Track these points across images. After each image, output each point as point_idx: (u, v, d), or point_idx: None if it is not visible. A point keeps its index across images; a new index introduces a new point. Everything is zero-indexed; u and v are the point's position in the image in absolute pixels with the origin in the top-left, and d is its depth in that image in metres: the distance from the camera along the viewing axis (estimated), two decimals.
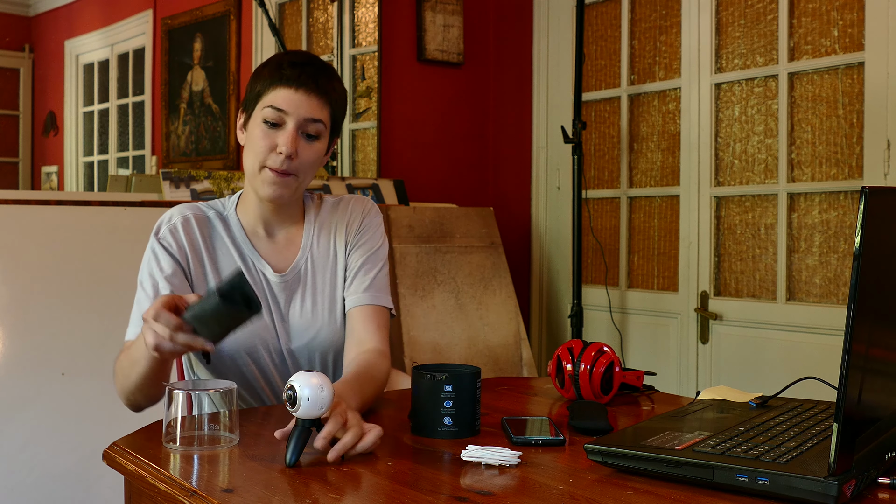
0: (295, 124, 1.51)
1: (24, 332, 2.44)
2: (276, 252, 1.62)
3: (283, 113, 1.51)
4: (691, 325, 3.21)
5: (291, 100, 1.50)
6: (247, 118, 1.58)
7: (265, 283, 1.60)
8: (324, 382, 1.14)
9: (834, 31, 2.85)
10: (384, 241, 1.69)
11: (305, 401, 1.12)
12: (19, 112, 5.80)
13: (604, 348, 1.57)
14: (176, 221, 1.58)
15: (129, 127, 4.92)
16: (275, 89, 1.51)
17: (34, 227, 2.49)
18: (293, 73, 1.51)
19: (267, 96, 1.52)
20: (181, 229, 1.57)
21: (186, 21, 4.32)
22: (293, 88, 1.51)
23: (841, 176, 2.84)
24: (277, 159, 1.51)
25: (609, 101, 3.56)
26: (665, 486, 1.04)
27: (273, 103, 1.51)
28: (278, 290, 1.60)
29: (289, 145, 1.50)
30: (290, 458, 1.11)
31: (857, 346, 0.92)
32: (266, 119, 1.51)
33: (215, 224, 1.61)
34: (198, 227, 1.59)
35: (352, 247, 1.65)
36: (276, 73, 1.52)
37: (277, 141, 1.51)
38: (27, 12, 5.82)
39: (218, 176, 3.03)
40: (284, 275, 1.61)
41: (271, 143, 1.51)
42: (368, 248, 1.66)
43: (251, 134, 1.54)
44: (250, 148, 1.54)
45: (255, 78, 1.57)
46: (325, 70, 1.55)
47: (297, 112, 1.51)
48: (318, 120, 1.53)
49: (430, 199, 3.63)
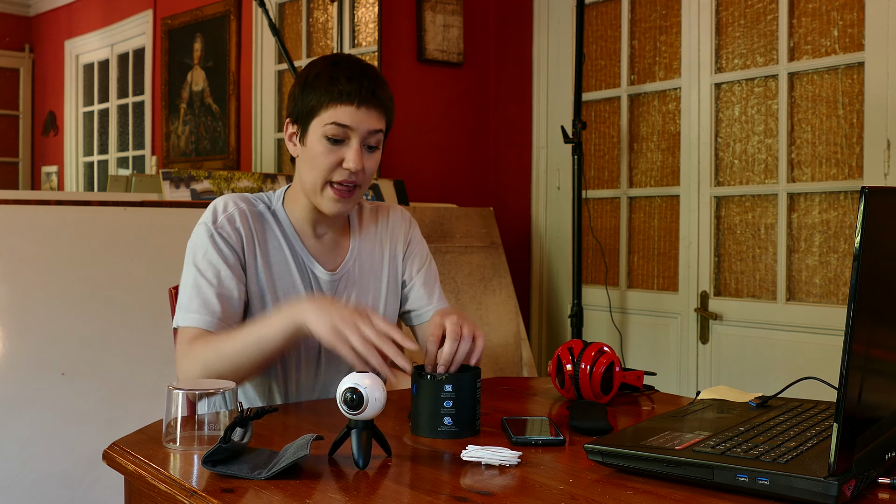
0: (360, 139, 1.52)
1: (24, 332, 2.43)
2: (324, 252, 1.64)
3: (348, 129, 1.51)
4: (691, 325, 3.21)
5: (354, 116, 1.50)
6: (301, 131, 1.56)
7: (314, 280, 1.61)
8: (379, 383, 1.13)
9: (834, 31, 2.85)
10: (428, 252, 1.77)
11: (373, 402, 1.11)
12: (19, 112, 5.80)
13: (604, 348, 1.57)
14: (232, 211, 1.56)
15: (129, 127, 4.92)
16: (335, 106, 1.50)
17: (34, 227, 2.49)
18: (352, 89, 1.50)
19: (326, 112, 1.51)
20: (238, 219, 1.56)
21: (186, 21, 4.32)
22: (354, 105, 1.50)
23: (841, 176, 2.84)
24: (344, 174, 1.52)
25: (609, 101, 3.56)
26: (665, 486, 1.04)
27: (336, 120, 1.50)
28: (327, 288, 1.62)
29: (356, 161, 1.51)
30: (364, 461, 1.11)
31: (857, 346, 0.92)
32: (329, 135, 1.51)
33: (267, 218, 1.61)
34: (252, 219, 1.58)
35: (405, 264, 1.72)
36: (334, 89, 1.50)
37: (343, 156, 1.51)
38: (27, 12, 5.82)
39: (218, 176, 3.03)
40: (334, 274, 1.63)
41: (336, 159, 1.52)
42: (420, 261, 1.73)
43: (312, 150, 1.53)
44: (312, 164, 1.53)
45: (305, 89, 1.54)
46: (378, 79, 1.54)
47: (360, 127, 1.51)
48: (379, 130, 1.54)
49: (430, 199, 3.63)
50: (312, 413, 1.48)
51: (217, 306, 1.49)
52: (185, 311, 1.50)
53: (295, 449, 1.09)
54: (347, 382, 1.12)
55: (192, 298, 1.50)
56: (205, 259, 1.52)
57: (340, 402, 1.12)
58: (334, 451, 1.16)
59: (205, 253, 1.53)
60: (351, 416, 1.12)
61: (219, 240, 1.53)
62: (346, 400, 1.11)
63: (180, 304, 1.52)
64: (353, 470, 1.11)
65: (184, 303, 1.51)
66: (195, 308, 1.49)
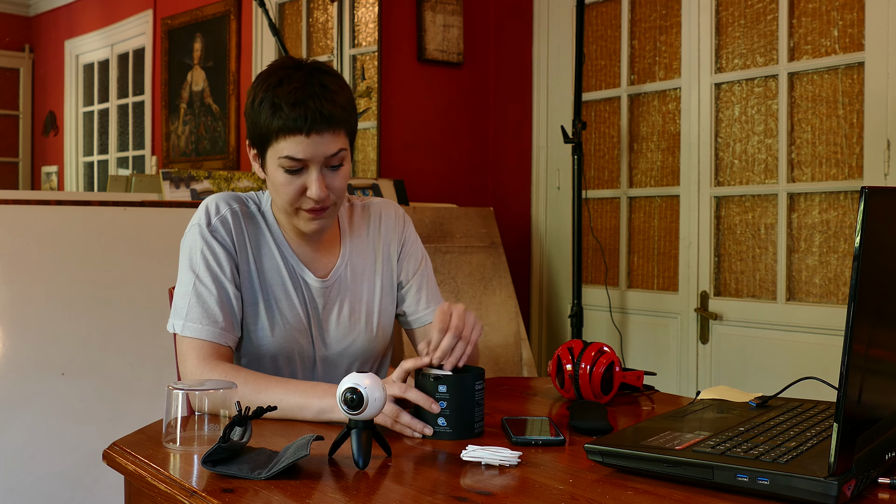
0: (319, 167, 1.45)
1: (24, 332, 2.43)
2: (315, 258, 1.60)
3: (302, 161, 1.44)
4: (691, 325, 3.21)
5: (307, 147, 1.42)
6: (260, 156, 1.50)
7: (305, 288, 1.58)
8: (379, 383, 1.13)
9: (834, 31, 2.85)
10: (423, 249, 1.72)
11: (373, 401, 1.11)
12: (19, 112, 5.80)
13: (604, 348, 1.57)
14: (225, 213, 1.53)
15: (129, 127, 4.92)
16: (284, 138, 1.42)
17: (34, 227, 2.49)
18: (297, 116, 1.41)
19: (277, 145, 1.44)
20: (231, 222, 1.53)
21: (186, 21, 4.32)
22: (303, 134, 1.42)
23: (841, 176, 2.84)
24: (310, 203, 1.47)
25: (609, 101, 3.56)
26: (665, 486, 1.04)
27: (289, 153, 1.43)
28: (318, 295, 1.58)
29: (319, 191, 1.45)
30: (364, 461, 1.10)
31: (857, 346, 0.92)
32: (285, 167, 1.45)
33: (258, 221, 1.58)
34: (244, 221, 1.55)
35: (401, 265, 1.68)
36: (278, 116, 1.42)
37: (305, 184, 1.46)
38: (27, 12, 5.82)
39: (218, 176, 3.03)
40: (325, 281, 1.59)
41: (299, 188, 1.46)
42: (415, 262, 1.69)
43: (273, 179, 1.48)
44: (277, 192, 1.49)
45: (253, 113, 1.46)
46: (325, 91, 1.44)
47: (316, 156, 1.44)
48: (339, 151, 1.46)
49: (430, 199, 3.63)
50: None
51: (219, 315, 1.48)
52: (186, 320, 1.47)
53: (295, 449, 1.09)
54: (347, 382, 1.12)
55: (193, 306, 1.48)
56: (201, 264, 1.50)
57: (340, 402, 1.12)
58: (334, 451, 1.16)
59: (201, 257, 1.50)
60: (351, 416, 1.12)
61: (214, 243, 1.51)
62: (346, 400, 1.11)
63: (178, 309, 1.49)
64: (353, 470, 1.11)
65: (182, 309, 1.48)
66: (196, 317, 1.47)
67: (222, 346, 1.48)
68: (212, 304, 1.48)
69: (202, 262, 1.50)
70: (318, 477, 1.08)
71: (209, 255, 1.50)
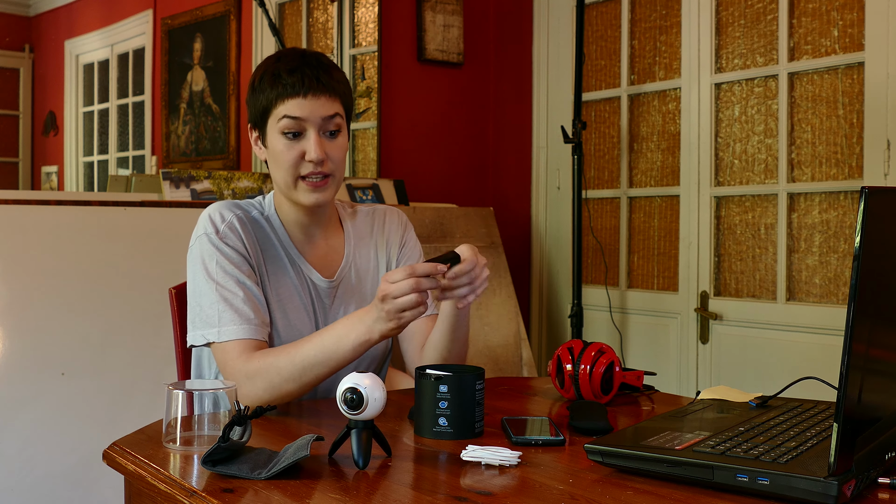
0: (316, 129, 1.51)
1: (24, 332, 2.43)
2: (320, 258, 1.63)
3: (301, 120, 1.50)
4: (691, 325, 3.21)
5: (304, 106, 1.50)
6: (261, 134, 1.57)
7: (312, 288, 1.60)
8: (380, 383, 1.13)
9: (834, 31, 2.85)
10: (421, 253, 1.75)
11: (373, 401, 1.11)
12: (19, 112, 5.79)
13: (604, 348, 1.57)
14: (231, 219, 1.55)
15: (129, 127, 4.92)
16: (283, 102, 1.50)
17: (34, 227, 2.49)
18: (295, 80, 1.50)
19: (277, 109, 1.51)
20: (239, 227, 1.54)
21: (186, 21, 4.32)
22: (300, 96, 1.50)
23: (841, 176, 2.84)
24: (309, 167, 1.51)
25: (609, 101, 3.56)
26: (665, 486, 1.04)
27: (287, 113, 1.50)
28: (325, 295, 1.61)
29: (317, 151, 1.50)
30: (364, 461, 1.10)
31: (857, 346, 0.92)
32: (285, 131, 1.51)
33: (262, 224, 1.60)
34: (250, 225, 1.57)
35: (398, 264, 1.70)
36: (277, 85, 1.51)
37: (304, 149, 1.51)
38: (27, 12, 5.82)
39: (218, 176, 3.03)
40: (332, 281, 1.62)
41: (298, 153, 1.51)
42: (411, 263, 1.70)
43: (274, 149, 1.53)
44: (277, 163, 1.53)
45: (255, 92, 1.55)
46: (320, 66, 1.53)
47: (313, 116, 1.50)
48: (335, 115, 1.53)
49: (430, 199, 3.63)
50: (312, 413, 1.48)
51: (250, 312, 1.48)
52: (220, 326, 1.46)
53: (295, 449, 1.09)
54: (347, 382, 1.12)
55: (223, 312, 1.47)
56: (219, 270, 1.49)
57: (340, 402, 1.12)
58: (334, 451, 1.16)
59: (217, 263, 1.50)
60: (351, 416, 1.12)
61: (227, 249, 1.51)
62: (346, 400, 1.11)
63: (207, 319, 1.48)
64: (353, 470, 1.11)
65: (212, 318, 1.47)
66: (228, 320, 1.46)
67: (260, 342, 1.48)
68: (240, 305, 1.48)
69: (219, 269, 1.50)
70: (318, 477, 1.08)
71: (224, 261, 1.50)
